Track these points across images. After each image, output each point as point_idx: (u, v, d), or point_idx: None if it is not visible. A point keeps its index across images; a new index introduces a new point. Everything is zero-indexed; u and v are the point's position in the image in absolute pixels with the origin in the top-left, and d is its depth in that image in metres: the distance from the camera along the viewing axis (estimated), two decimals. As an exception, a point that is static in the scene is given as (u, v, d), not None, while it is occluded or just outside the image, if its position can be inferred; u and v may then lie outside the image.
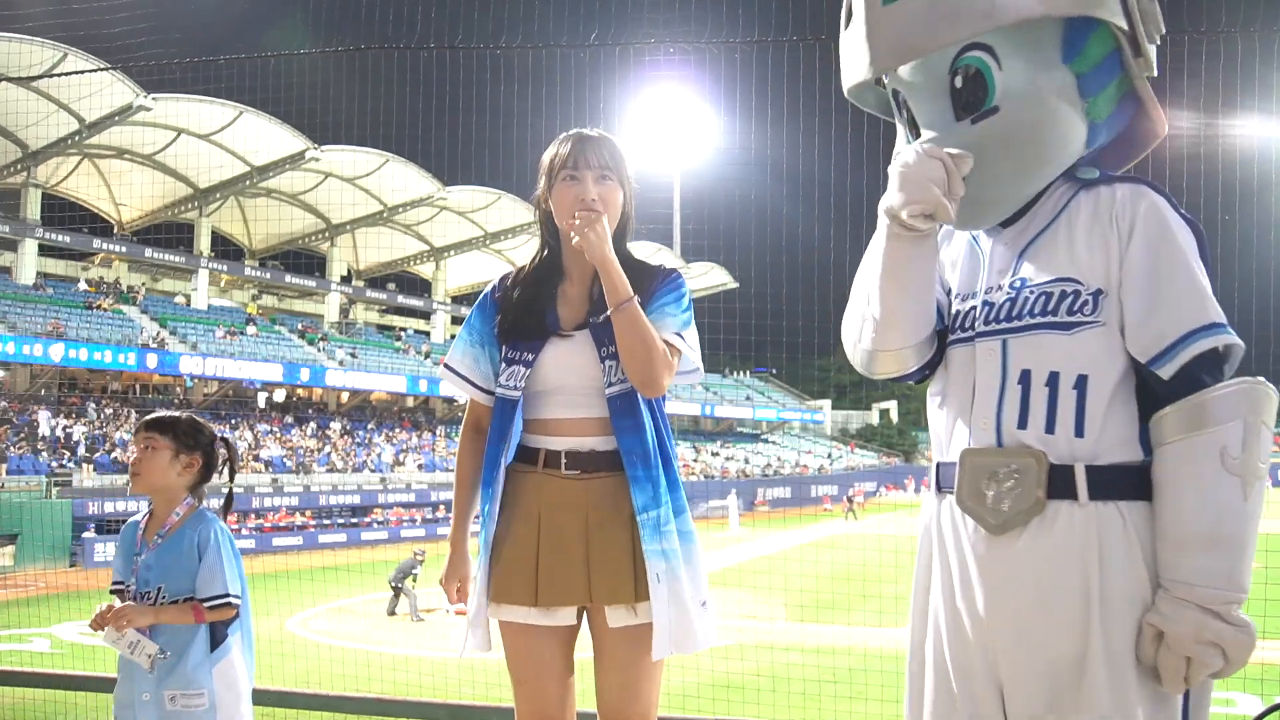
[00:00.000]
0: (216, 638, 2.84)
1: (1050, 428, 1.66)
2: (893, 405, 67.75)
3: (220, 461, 3.03)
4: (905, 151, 1.71)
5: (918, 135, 1.81)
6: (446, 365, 2.32)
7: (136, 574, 2.85)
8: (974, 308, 1.78)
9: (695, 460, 44.64)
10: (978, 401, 1.73)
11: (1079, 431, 1.65)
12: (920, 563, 1.85)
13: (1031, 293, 1.71)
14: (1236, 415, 1.59)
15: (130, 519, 3.01)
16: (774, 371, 62.63)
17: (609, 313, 2.09)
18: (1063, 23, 1.72)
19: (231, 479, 3.10)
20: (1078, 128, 1.75)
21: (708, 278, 49.07)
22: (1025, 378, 1.69)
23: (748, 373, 60.31)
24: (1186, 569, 1.57)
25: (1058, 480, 1.64)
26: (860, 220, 1.89)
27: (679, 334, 2.18)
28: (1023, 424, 1.68)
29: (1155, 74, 1.77)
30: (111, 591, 2.92)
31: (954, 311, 1.83)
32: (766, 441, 55.10)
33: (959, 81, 1.73)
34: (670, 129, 48.51)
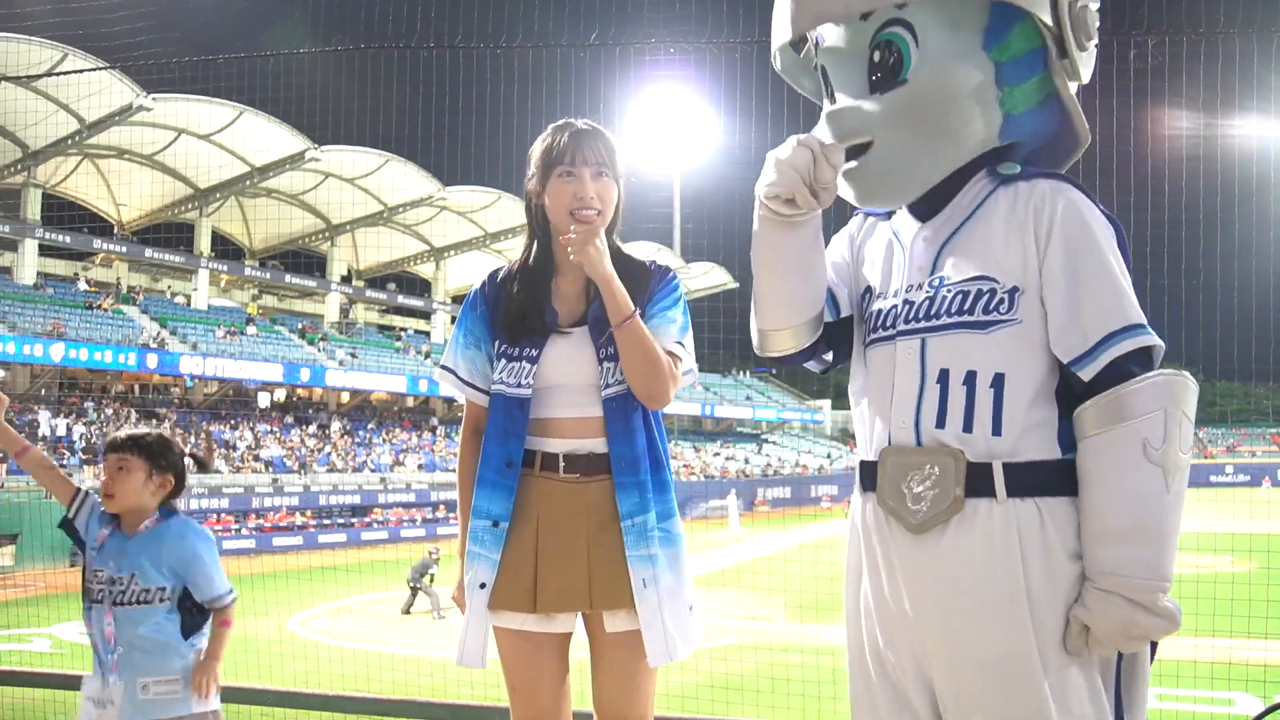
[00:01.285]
0: (190, 625, 2.88)
1: (968, 426, 1.66)
2: (893, 405, 67.60)
3: (190, 470, 3.09)
4: (784, 144, 1.74)
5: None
6: (444, 368, 2.29)
7: (99, 553, 2.90)
8: (894, 306, 1.78)
9: (695, 460, 44.64)
10: (897, 401, 1.73)
11: (996, 430, 1.65)
12: (849, 561, 1.85)
13: (949, 291, 1.71)
14: (1157, 406, 1.59)
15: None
16: (774, 371, 62.59)
17: (611, 329, 2.08)
18: (988, 9, 1.74)
19: (204, 470, 3.21)
20: (987, 113, 1.76)
21: (708, 278, 49.05)
22: (944, 377, 1.69)
23: (748, 373, 60.29)
24: (1111, 560, 1.58)
25: (976, 479, 1.64)
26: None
27: (679, 341, 2.18)
28: (940, 423, 1.68)
29: (1084, 81, 1.79)
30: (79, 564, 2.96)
31: (874, 309, 1.83)
32: (766, 441, 55.09)
33: (877, 56, 1.76)
34: (670, 129, 48.47)
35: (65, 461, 25.92)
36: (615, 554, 2.09)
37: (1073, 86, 1.79)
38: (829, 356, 1.97)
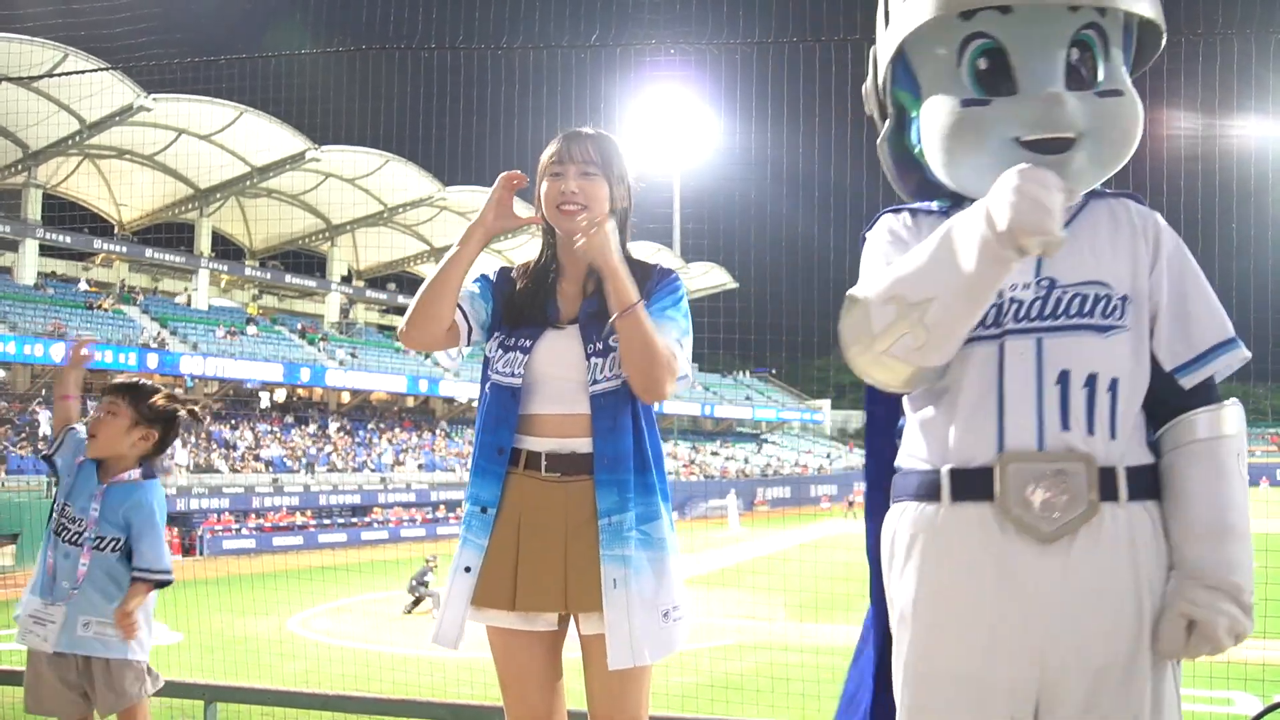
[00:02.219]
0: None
1: (1091, 429, 1.65)
2: (893, 405, 67.58)
3: (176, 432, 3.14)
4: (1017, 170, 1.50)
5: (998, 93, 1.69)
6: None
7: (72, 488, 2.99)
8: (995, 304, 1.69)
9: (695, 460, 44.65)
10: (1010, 402, 1.66)
11: (1113, 433, 1.66)
12: (923, 576, 1.71)
13: (1064, 292, 1.69)
14: (1241, 429, 1.72)
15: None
16: (773, 371, 62.61)
17: (613, 319, 2.08)
18: (1124, 32, 1.77)
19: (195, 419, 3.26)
20: None
21: (708, 278, 49.06)
22: (1064, 378, 1.65)
23: (747, 373, 60.28)
24: (1216, 559, 1.62)
25: (1104, 483, 1.64)
26: (860, 221, 1.87)
27: (679, 341, 2.17)
28: (1065, 425, 1.64)
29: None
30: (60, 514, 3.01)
31: None
32: (766, 441, 55.10)
33: (1075, 55, 1.70)
34: (670, 129, 48.49)
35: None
36: (592, 555, 2.08)
37: None
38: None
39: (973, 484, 1.67)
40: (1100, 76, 1.70)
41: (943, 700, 1.68)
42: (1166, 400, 1.72)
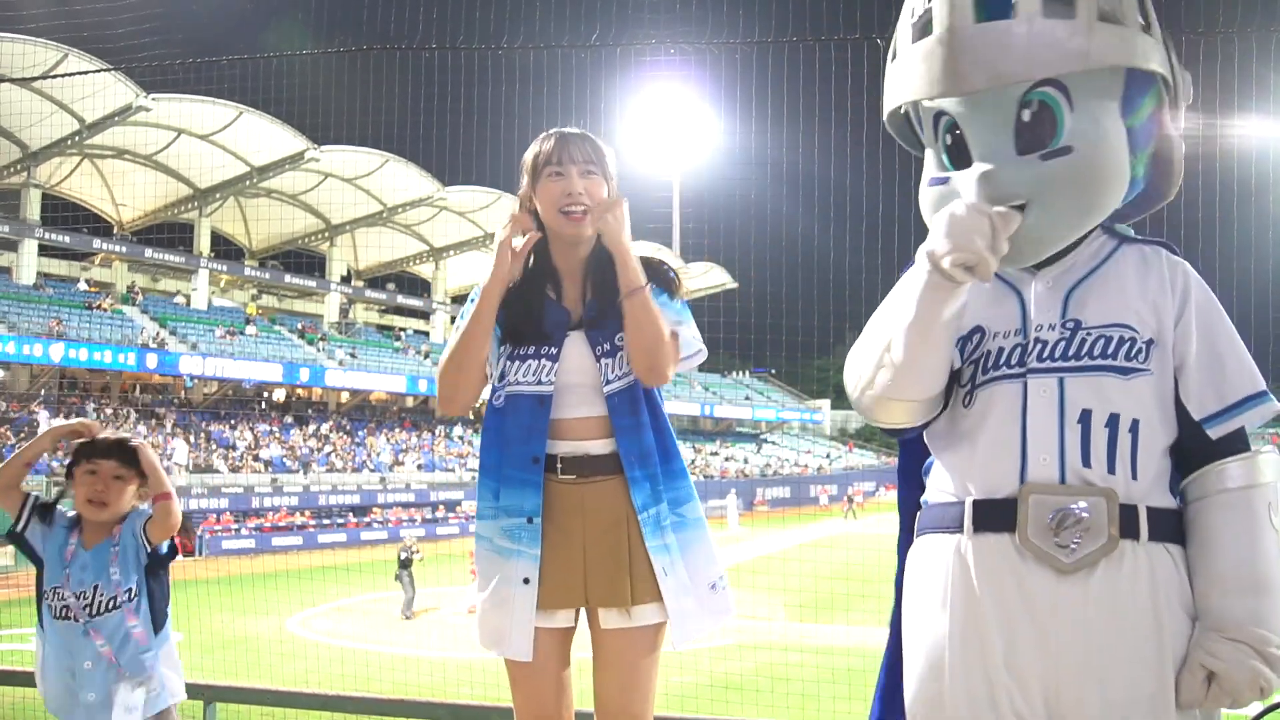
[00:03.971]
0: (158, 620, 2.86)
1: (1112, 468, 1.67)
2: (892, 405, 67.59)
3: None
4: (955, 203, 1.67)
5: (961, 164, 1.76)
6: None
7: (70, 575, 2.82)
8: (1020, 345, 1.74)
9: (695, 460, 44.64)
10: (1033, 438, 1.69)
11: (1134, 474, 1.67)
12: (948, 606, 1.73)
13: (1088, 334, 1.71)
14: (1271, 478, 1.72)
15: (63, 513, 2.94)
16: (773, 371, 62.63)
17: (621, 298, 2.10)
18: (1124, 76, 1.73)
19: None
20: (1127, 179, 1.76)
21: (707, 278, 49.05)
22: (1085, 417, 1.68)
23: (747, 373, 60.29)
24: (1243, 612, 1.62)
25: (1125, 519, 1.65)
26: (860, 220, 1.87)
27: (679, 322, 2.21)
28: (1086, 462, 1.67)
29: (1180, 133, 1.82)
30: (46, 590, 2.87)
31: (990, 349, 1.78)
32: (766, 441, 55.09)
33: (1027, 115, 1.69)
34: (670, 129, 48.47)
35: (65, 461, 25.90)
36: (614, 553, 2.11)
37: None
38: (925, 425, 1.89)
39: (995, 515, 1.70)
40: (1062, 133, 1.68)
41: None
42: (1194, 450, 1.72)
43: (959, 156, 1.76)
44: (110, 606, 2.79)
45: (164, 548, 2.89)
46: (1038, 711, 1.66)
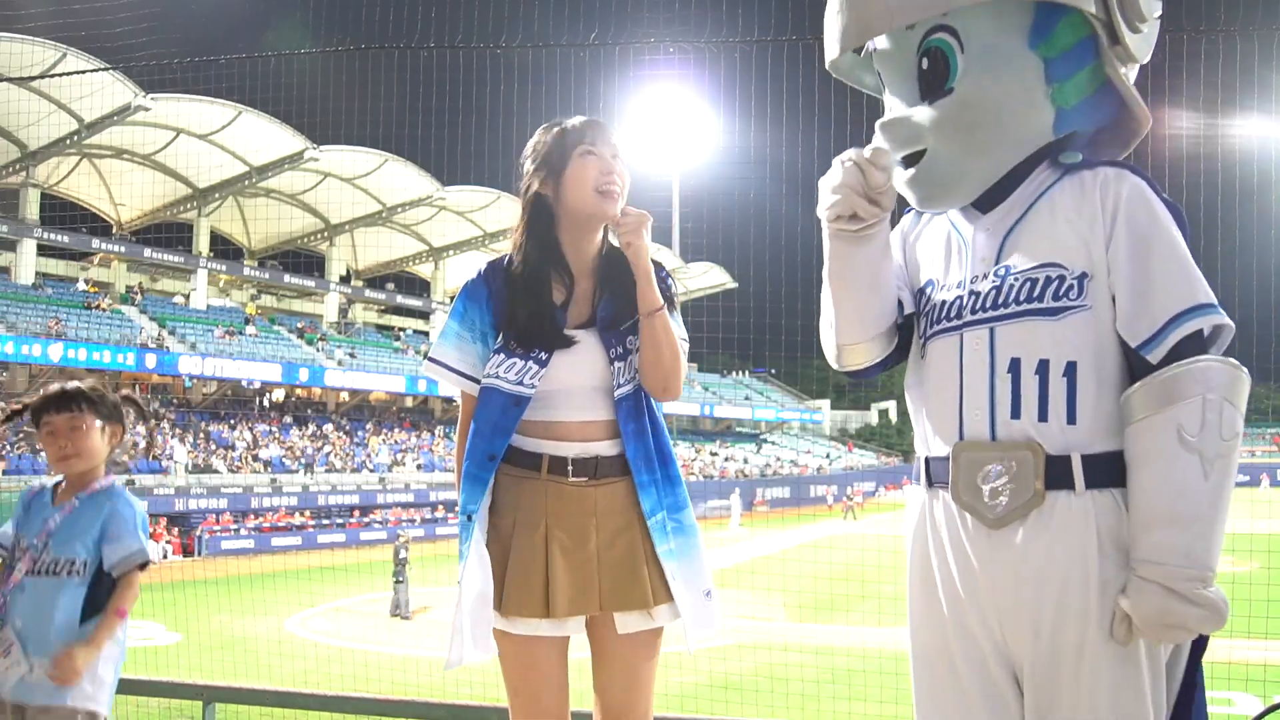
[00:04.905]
0: (95, 606, 2.66)
1: (1043, 416, 1.65)
2: (891, 405, 67.71)
3: (131, 420, 2.90)
4: (833, 164, 1.78)
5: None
6: (434, 359, 2.20)
7: (45, 537, 2.68)
8: (959, 297, 1.77)
9: (695, 460, 44.63)
10: (967, 392, 1.72)
11: (1071, 419, 1.65)
12: (915, 561, 1.82)
13: (1016, 279, 1.70)
14: (1195, 393, 1.57)
15: (37, 485, 2.84)
16: (773, 371, 62.63)
17: (639, 318, 2.09)
18: (1032, 8, 1.72)
19: (147, 425, 3.05)
20: (1040, 112, 1.74)
21: (707, 277, 49.04)
22: (1015, 366, 1.67)
23: (747, 373, 60.29)
24: (1149, 547, 1.57)
25: (1055, 471, 1.63)
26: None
27: (683, 339, 2.21)
28: (1015, 414, 1.66)
29: (1143, 60, 1.77)
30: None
31: (937, 301, 1.81)
32: (765, 441, 55.08)
33: (925, 63, 1.77)
34: (669, 128, 48.47)
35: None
36: (629, 556, 2.08)
37: (1132, 70, 1.78)
38: (892, 359, 1.95)
39: (940, 470, 1.76)
40: (954, 77, 1.74)
41: (931, 674, 1.79)
42: (1140, 377, 1.64)
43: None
44: (51, 570, 2.64)
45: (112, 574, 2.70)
46: (992, 663, 1.70)
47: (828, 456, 55.73)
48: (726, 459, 47.76)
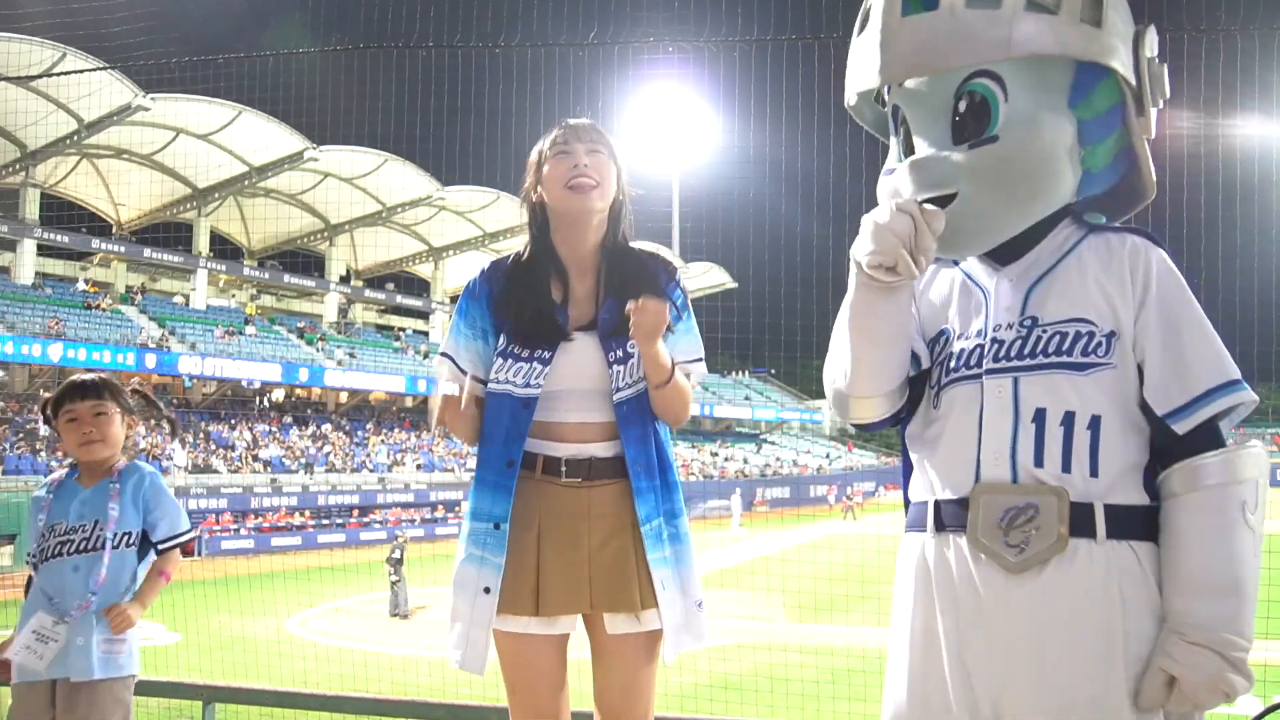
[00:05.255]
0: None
1: (1066, 466, 1.65)
2: (892, 405, 67.64)
3: (140, 411, 3.07)
4: (879, 209, 1.71)
5: (910, 154, 1.81)
6: (445, 354, 2.22)
7: (83, 517, 2.86)
8: (979, 346, 1.75)
9: (694, 460, 44.65)
10: (986, 438, 1.70)
11: (1094, 471, 1.65)
12: (904, 602, 1.78)
13: (1044, 331, 1.70)
14: (1254, 474, 1.65)
15: (55, 477, 3.02)
16: (773, 371, 62.64)
17: (651, 389, 2.12)
18: (1073, 67, 1.73)
19: (167, 423, 3.23)
20: (1071, 172, 1.75)
21: (707, 278, 49.06)
22: (1040, 416, 1.67)
23: (747, 373, 60.30)
24: (1206, 615, 1.59)
25: (1077, 518, 1.64)
26: (859, 220, 1.88)
27: (699, 358, 2.25)
28: (1039, 462, 1.66)
29: (1152, 136, 1.79)
30: (30, 561, 2.91)
31: (955, 350, 1.79)
32: (765, 441, 55.10)
33: (963, 106, 1.73)
34: (669, 128, 48.46)
35: (65, 461, 25.91)
36: (620, 558, 2.09)
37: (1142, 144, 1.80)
38: (899, 416, 1.92)
39: (953, 514, 1.73)
40: (995, 123, 1.71)
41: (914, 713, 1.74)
42: (1167, 447, 1.68)
43: (909, 148, 1.82)
44: (99, 545, 2.82)
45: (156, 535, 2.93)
46: (983, 713, 1.67)
47: (827, 456, 55.75)
48: (726, 459, 47.77)
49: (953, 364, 1.78)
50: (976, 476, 1.70)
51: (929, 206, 1.69)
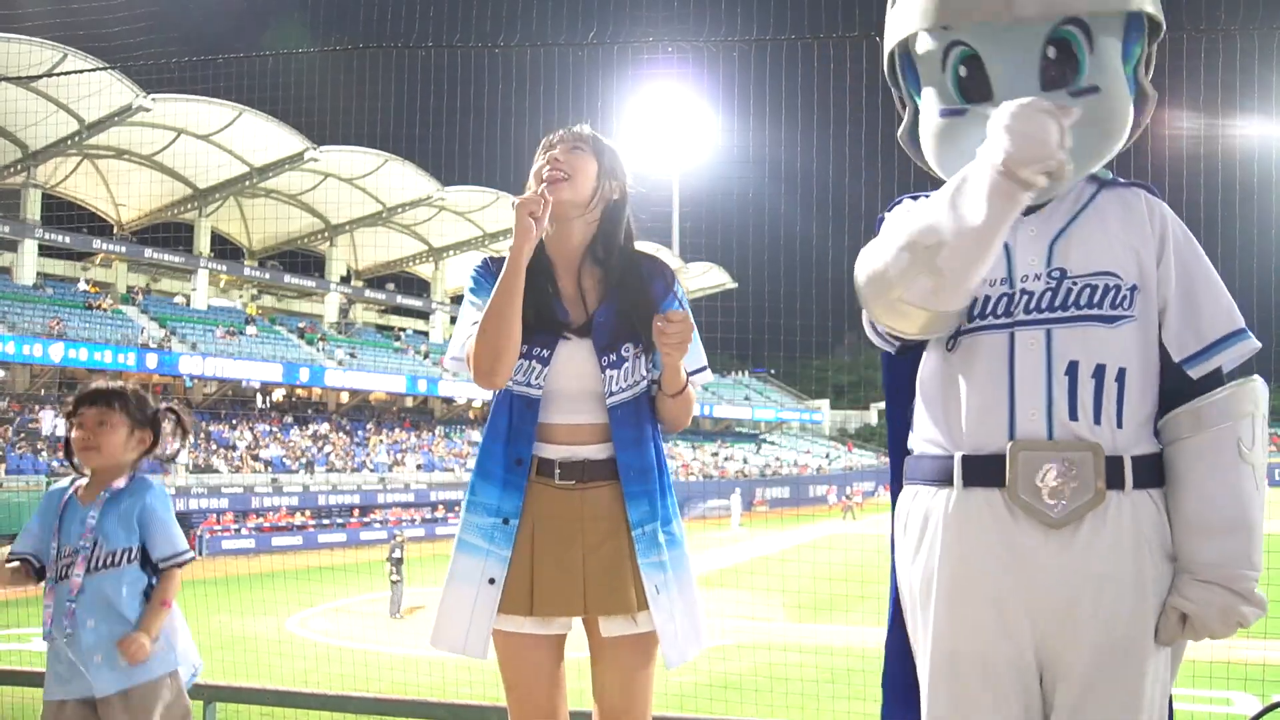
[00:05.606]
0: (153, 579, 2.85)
1: (1098, 419, 1.68)
2: (892, 405, 67.61)
3: (171, 431, 3.01)
4: (1005, 106, 1.57)
5: (976, 98, 1.75)
6: (457, 359, 2.20)
7: (91, 535, 2.81)
8: (1007, 295, 1.74)
9: (694, 460, 44.64)
10: (1020, 392, 1.70)
11: (1119, 423, 1.69)
12: (946, 563, 1.73)
13: (1074, 284, 1.72)
14: (1248, 410, 1.70)
15: (55, 488, 2.98)
16: (772, 371, 62.62)
17: (666, 395, 2.17)
18: (1124, 22, 1.76)
19: (185, 439, 3.11)
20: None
21: (706, 278, 49.05)
22: (1073, 369, 1.69)
23: (746, 373, 60.27)
24: (1213, 553, 1.66)
25: (1111, 472, 1.68)
26: (859, 220, 1.86)
27: (703, 367, 2.28)
28: (1074, 415, 1.68)
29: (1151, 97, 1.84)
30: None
31: (979, 295, 1.75)
32: (765, 441, 55.08)
33: (1052, 52, 1.72)
34: (669, 128, 48.45)
35: (65, 461, 25.91)
36: (614, 561, 2.09)
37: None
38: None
39: (984, 470, 1.71)
40: (1084, 72, 1.71)
41: (959, 678, 1.73)
42: (1174, 391, 1.73)
43: (974, 90, 1.77)
44: (107, 563, 2.78)
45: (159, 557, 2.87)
46: (1032, 659, 1.70)
47: (827, 456, 55.73)
48: (726, 459, 47.76)
49: (975, 310, 1.75)
50: (1011, 431, 1.70)
51: (1064, 104, 1.60)
